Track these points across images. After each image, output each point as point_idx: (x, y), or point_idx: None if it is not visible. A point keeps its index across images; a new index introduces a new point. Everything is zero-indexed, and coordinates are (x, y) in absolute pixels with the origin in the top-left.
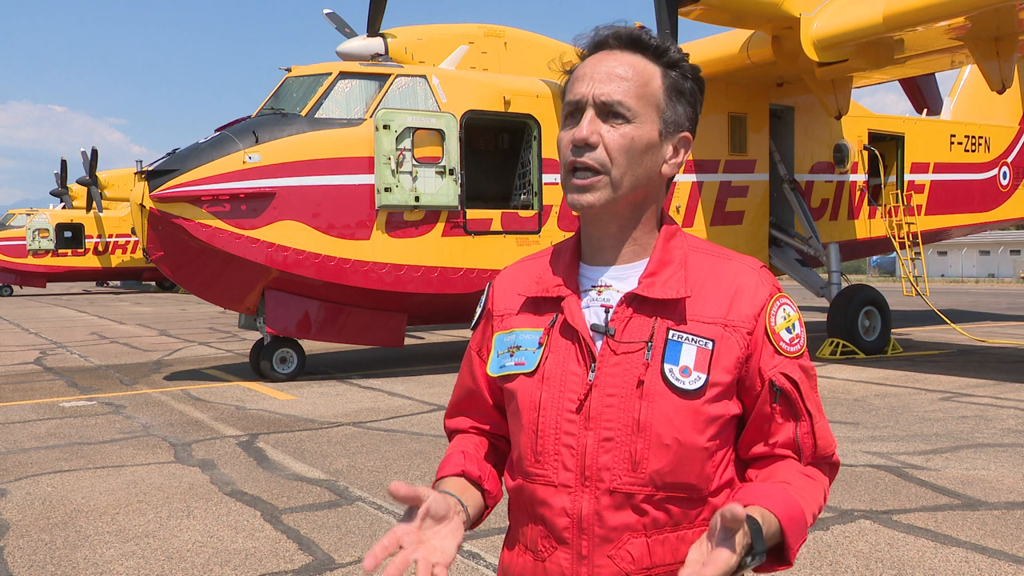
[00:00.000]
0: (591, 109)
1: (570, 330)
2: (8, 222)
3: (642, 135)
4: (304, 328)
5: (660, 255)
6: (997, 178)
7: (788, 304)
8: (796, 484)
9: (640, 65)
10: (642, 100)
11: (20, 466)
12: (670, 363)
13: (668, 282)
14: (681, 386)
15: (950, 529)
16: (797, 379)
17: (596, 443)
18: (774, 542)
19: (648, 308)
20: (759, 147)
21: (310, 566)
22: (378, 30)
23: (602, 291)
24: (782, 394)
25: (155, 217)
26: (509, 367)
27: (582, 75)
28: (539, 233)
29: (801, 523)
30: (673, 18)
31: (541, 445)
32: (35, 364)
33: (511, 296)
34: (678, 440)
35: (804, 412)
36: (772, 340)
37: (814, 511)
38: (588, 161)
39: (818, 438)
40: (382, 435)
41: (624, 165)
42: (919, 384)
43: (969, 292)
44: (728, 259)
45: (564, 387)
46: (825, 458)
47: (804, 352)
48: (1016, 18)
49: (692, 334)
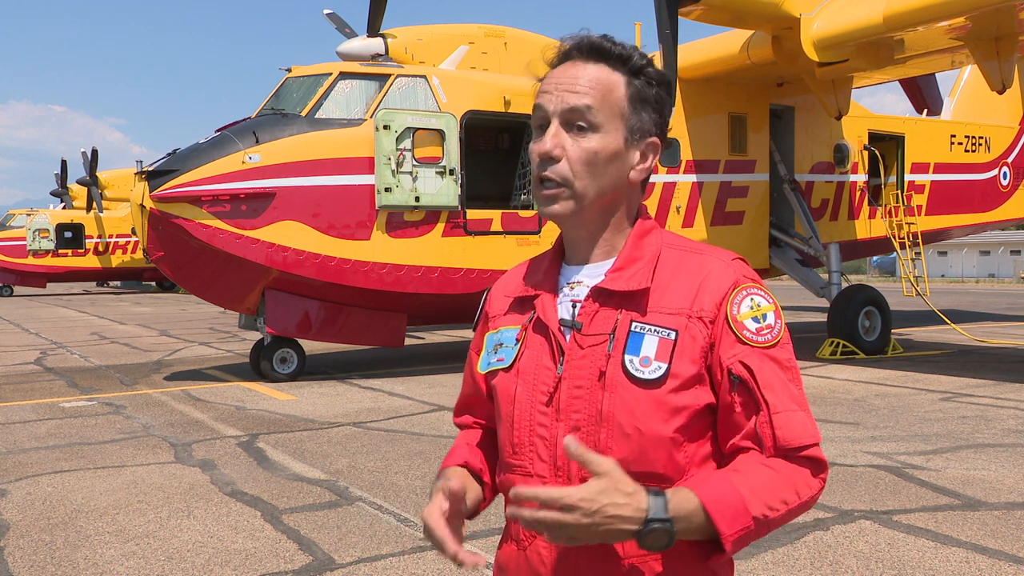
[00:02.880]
0: (555, 121)
1: (542, 326)
2: (8, 222)
3: (606, 145)
4: (304, 328)
5: (629, 252)
6: (997, 178)
7: (758, 294)
8: (745, 471)
9: (603, 74)
10: (605, 110)
11: (20, 466)
12: (631, 354)
13: (633, 276)
14: (641, 376)
15: (950, 529)
16: (754, 367)
17: (566, 433)
18: (698, 522)
19: (614, 301)
20: (759, 147)
21: (310, 566)
22: (378, 30)
23: (574, 287)
24: (740, 383)
25: (155, 217)
26: (493, 364)
27: (547, 87)
28: (539, 233)
29: (735, 508)
30: (673, 18)
31: (517, 437)
32: (35, 364)
33: (502, 298)
34: (639, 429)
35: (761, 401)
36: (733, 328)
37: (769, 502)
38: (551, 175)
39: (776, 428)
40: (382, 435)
41: (587, 176)
42: (919, 384)
43: (969, 292)
44: (699, 253)
45: (536, 380)
46: (791, 450)
47: (778, 343)
48: (1016, 18)
49: (654, 325)
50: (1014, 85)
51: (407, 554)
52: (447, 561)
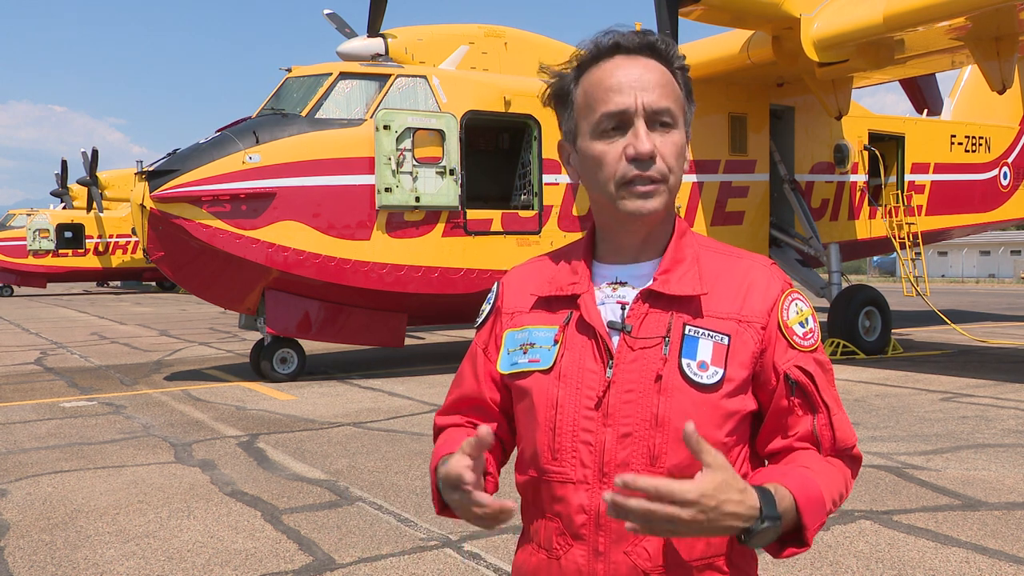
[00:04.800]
0: (641, 120)
1: (586, 327)
2: (8, 222)
3: (682, 140)
4: (304, 328)
5: (674, 253)
6: (997, 178)
7: (800, 299)
8: (816, 468)
9: (661, 70)
10: (677, 105)
11: (20, 466)
12: (687, 358)
13: (683, 279)
14: (699, 380)
15: (950, 529)
16: (812, 371)
17: (615, 439)
18: (789, 518)
19: (664, 304)
20: (759, 147)
21: (310, 566)
22: (378, 30)
23: (617, 288)
24: (798, 387)
25: (155, 217)
26: (522, 364)
27: (615, 85)
28: (539, 233)
29: (818, 504)
30: (673, 18)
31: (559, 442)
32: (35, 364)
33: (522, 294)
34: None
35: (821, 404)
36: (785, 334)
37: (834, 497)
38: (654, 175)
39: (836, 430)
40: (382, 435)
41: (678, 171)
42: (919, 384)
43: (969, 292)
44: (739, 257)
45: (582, 384)
46: (845, 450)
47: (819, 346)
48: (1016, 18)
49: (708, 329)
50: (1014, 85)
51: (407, 554)
52: (447, 561)
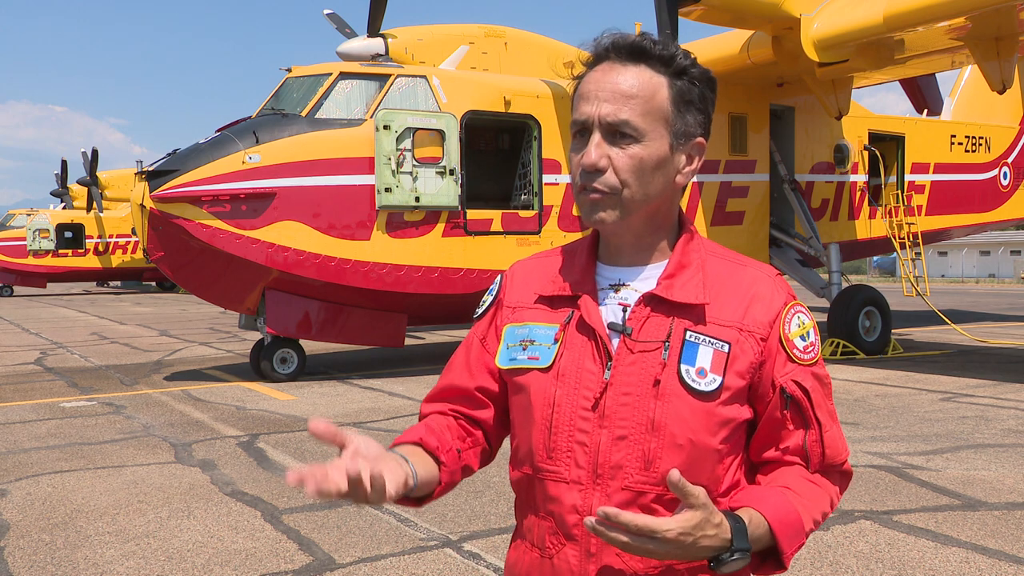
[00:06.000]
0: (597, 131)
1: (586, 327)
2: (8, 222)
3: (651, 153)
4: (304, 328)
5: (679, 258)
6: (997, 178)
7: (803, 312)
8: (797, 489)
9: (645, 78)
10: (649, 116)
11: (20, 466)
12: (687, 364)
13: (687, 285)
14: (697, 387)
15: (950, 529)
16: (809, 387)
17: (610, 441)
18: (764, 543)
19: (665, 308)
20: (759, 147)
21: (310, 566)
22: (378, 30)
23: (619, 290)
24: (793, 401)
25: (155, 217)
26: (521, 361)
27: (586, 93)
28: (539, 233)
29: (795, 527)
30: (673, 18)
31: (554, 441)
32: (35, 364)
33: (525, 290)
34: (692, 441)
35: (813, 420)
36: (786, 347)
37: (815, 517)
38: (599, 187)
39: (826, 447)
40: (382, 435)
41: (635, 185)
42: (919, 384)
43: (969, 292)
44: (744, 265)
45: (579, 384)
46: (834, 466)
47: (819, 360)
48: (1016, 18)
49: (709, 336)
50: (1014, 85)
51: (407, 554)
52: (447, 561)
